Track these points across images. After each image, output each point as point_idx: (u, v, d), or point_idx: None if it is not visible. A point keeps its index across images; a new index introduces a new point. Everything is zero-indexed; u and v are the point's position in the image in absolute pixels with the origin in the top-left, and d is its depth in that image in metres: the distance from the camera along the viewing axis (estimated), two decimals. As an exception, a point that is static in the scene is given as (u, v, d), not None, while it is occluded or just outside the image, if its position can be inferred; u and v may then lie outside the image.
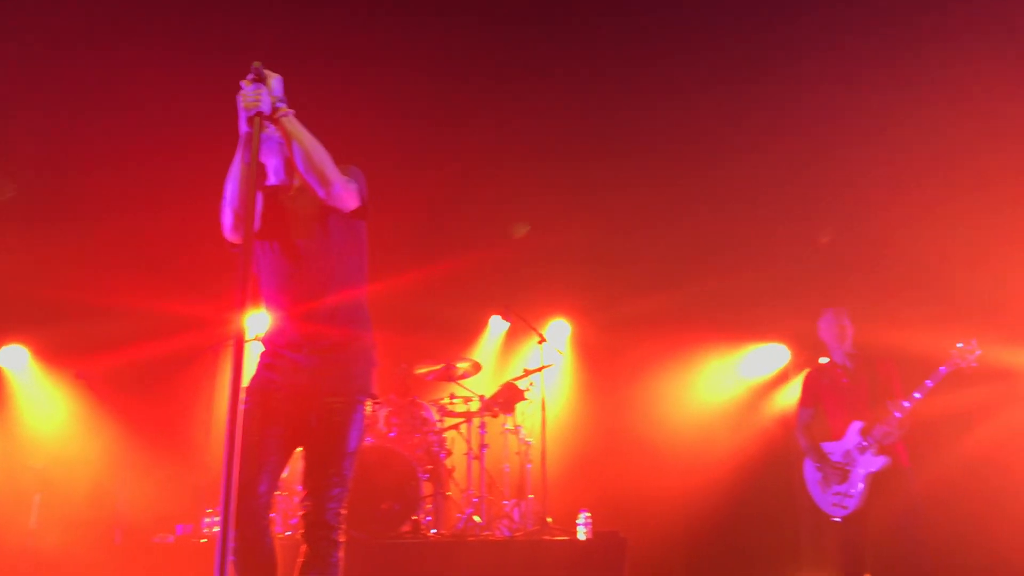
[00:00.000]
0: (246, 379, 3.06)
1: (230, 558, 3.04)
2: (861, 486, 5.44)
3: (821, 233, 8.04)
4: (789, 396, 8.38)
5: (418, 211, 8.01)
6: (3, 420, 7.94)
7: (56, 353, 8.02)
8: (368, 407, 3.33)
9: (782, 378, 8.65)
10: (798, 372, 8.44)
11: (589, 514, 6.40)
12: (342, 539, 3.16)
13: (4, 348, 8.08)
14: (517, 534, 6.76)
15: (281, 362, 3.26)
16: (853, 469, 5.49)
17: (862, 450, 5.46)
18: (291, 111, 3.10)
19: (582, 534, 6.35)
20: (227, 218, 3.22)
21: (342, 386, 3.24)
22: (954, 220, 7.02)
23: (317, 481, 3.15)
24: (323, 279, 3.27)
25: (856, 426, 5.52)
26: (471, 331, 9.09)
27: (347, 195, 3.24)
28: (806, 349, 8.28)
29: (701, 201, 8.07)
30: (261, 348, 3.36)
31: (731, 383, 8.69)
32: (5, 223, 7.77)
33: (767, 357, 8.74)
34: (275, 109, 3.02)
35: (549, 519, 6.77)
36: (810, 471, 5.83)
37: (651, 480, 7.92)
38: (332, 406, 3.20)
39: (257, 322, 5.57)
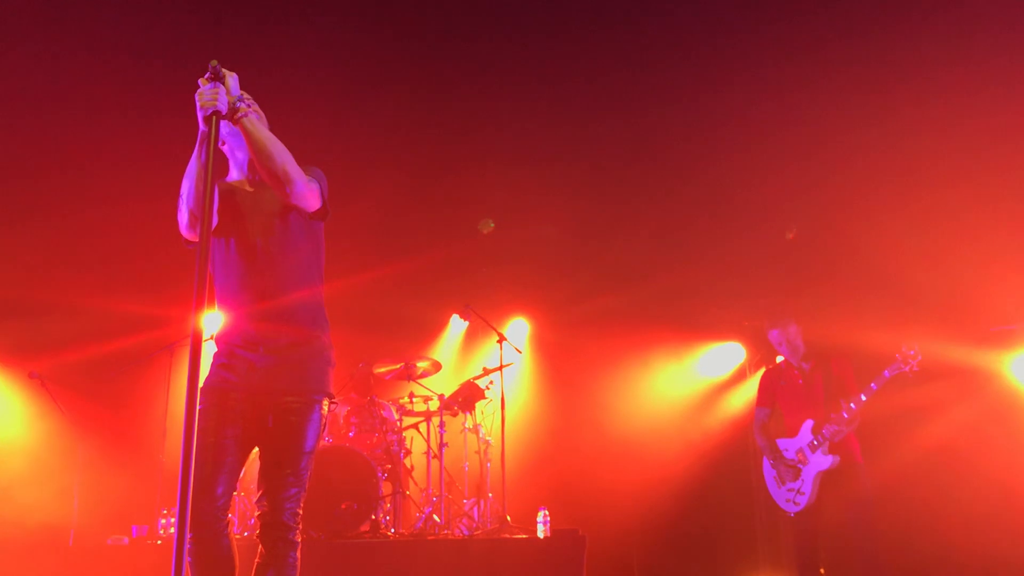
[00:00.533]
0: (202, 379, 3.02)
1: (187, 559, 3.04)
2: (812, 483, 5.56)
3: (788, 228, 8.13)
4: (745, 394, 8.49)
5: (378, 209, 7.99)
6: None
7: (7, 352, 7.87)
8: (325, 407, 3.29)
9: (738, 376, 8.76)
10: (754, 370, 8.56)
11: (547, 512, 6.43)
12: (299, 539, 3.15)
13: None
14: (476, 533, 6.78)
15: (236, 361, 3.22)
16: (805, 467, 5.60)
17: (813, 448, 5.57)
18: (250, 110, 3.07)
19: (541, 532, 6.38)
20: (183, 216, 3.18)
21: (299, 385, 3.21)
22: (910, 221, 7.15)
23: (273, 481, 3.13)
24: (280, 278, 3.24)
25: (808, 424, 5.64)
26: (430, 330, 9.09)
27: (309, 194, 3.22)
28: (762, 347, 8.40)
29: (659, 201, 8.14)
30: (216, 347, 3.33)
31: (688, 381, 8.79)
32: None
33: (723, 356, 8.84)
34: (234, 109, 2.98)
35: (508, 517, 6.79)
36: (767, 468, 5.93)
37: (609, 478, 7.99)
38: (289, 405, 3.17)
39: (212, 321, 5.52)
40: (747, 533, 8.21)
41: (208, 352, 3.29)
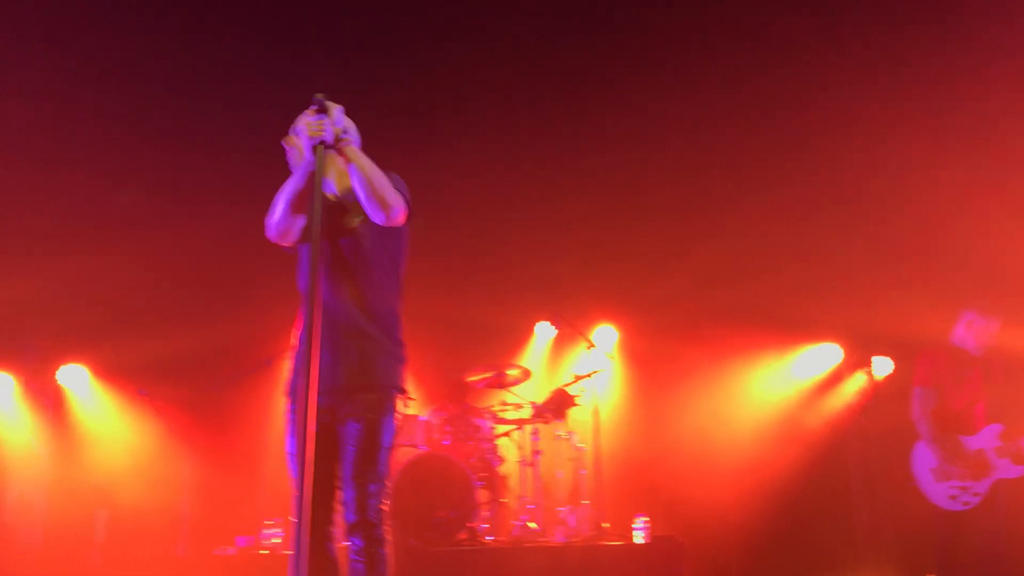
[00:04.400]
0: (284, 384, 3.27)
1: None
2: (987, 486, 5.33)
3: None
4: (843, 395, 8.31)
5: (466, 219, 8.09)
6: (67, 439, 8.12)
7: (115, 371, 8.19)
8: (399, 403, 3.34)
9: (835, 377, 8.54)
10: (852, 371, 8.36)
11: (646, 518, 6.38)
12: (387, 535, 3.19)
13: (64, 368, 8.27)
14: (574, 540, 6.75)
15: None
16: (984, 469, 5.35)
17: (1000, 454, 5.32)
18: (353, 140, 3.22)
19: (639, 538, 6.33)
20: (272, 231, 3.34)
21: (370, 381, 3.27)
22: (1009, 208, 6.92)
23: (355, 480, 3.18)
24: (352, 281, 3.32)
25: (995, 429, 5.39)
26: (519, 338, 9.10)
27: (401, 214, 3.33)
28: (859, 347, 8.20)
29: (747, 202, 8.03)
30: (295, 349, 3.41)
31: (783, 384, 8.60)
32: (61, 244, 7.98)
33: (819, 357, 8.63)
34: (338, 139, 3.12)
35: (605, 524, 6.76)
36: (923, 458, 5.61)
37: (705, 484, 7.86)
38: (363, 403, 3.23)
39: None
40: (848, 536, 7.98)
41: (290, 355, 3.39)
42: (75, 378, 8.33)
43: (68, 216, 8.01)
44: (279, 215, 3.29)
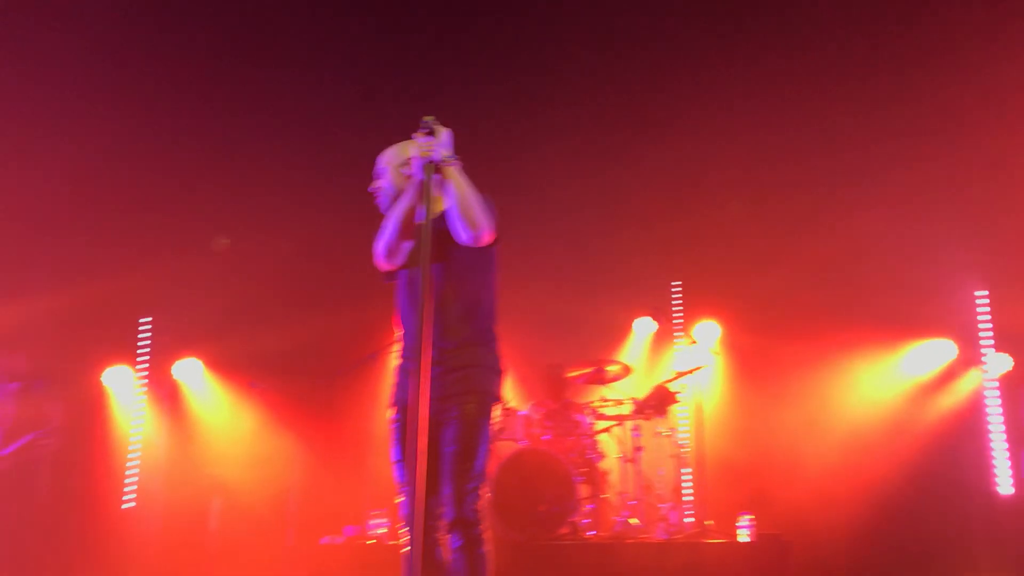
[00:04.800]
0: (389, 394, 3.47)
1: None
2: None
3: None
4: (956, 393, 8.01)
5: (565, 214, 8.10)
6: (183, 430, 8.47)
7: (228, 365, 8.49)
8: (496, 410, 3.46)
9: (948, 376, 8.23)
10: (965, 368, 8.05)
11: (751, 516, 6.29)
12: (485, 533, 3.27)
13: (180, 362, 8.62)
14: (676, 536, 6.70)
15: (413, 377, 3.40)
16: None
17: None
18: (458, 162, 3.36)
19: (744, 536, 6.25)
20: (380, 250, 3.49)
21: (467, 386, 3.39)
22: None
23: (452, 480, 3.27)
24: (448, 301, 3.44)
25: None
26: (618, 333, 9.06)
27: (488, 236, 3.44)
28: (972, 344, 7.89)
29: (854, 198, 7.83)
30: (397, 364, 3.60)
31: (893, 382, 8.33)
32: (173, 241, 8.32)
33: (931, 354, 8.33)
34: (445, 160, 3.29)
35: (708, 522, 6.69)
36: None
37: (811, 482, 7.68)
38: (463, 406, 3.35)
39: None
40: (964, 538, 7.67)
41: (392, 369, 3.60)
42: (190, 371, 8.66)
43: (183, 215, 8.35)
44: (389, 236, 3.45)
